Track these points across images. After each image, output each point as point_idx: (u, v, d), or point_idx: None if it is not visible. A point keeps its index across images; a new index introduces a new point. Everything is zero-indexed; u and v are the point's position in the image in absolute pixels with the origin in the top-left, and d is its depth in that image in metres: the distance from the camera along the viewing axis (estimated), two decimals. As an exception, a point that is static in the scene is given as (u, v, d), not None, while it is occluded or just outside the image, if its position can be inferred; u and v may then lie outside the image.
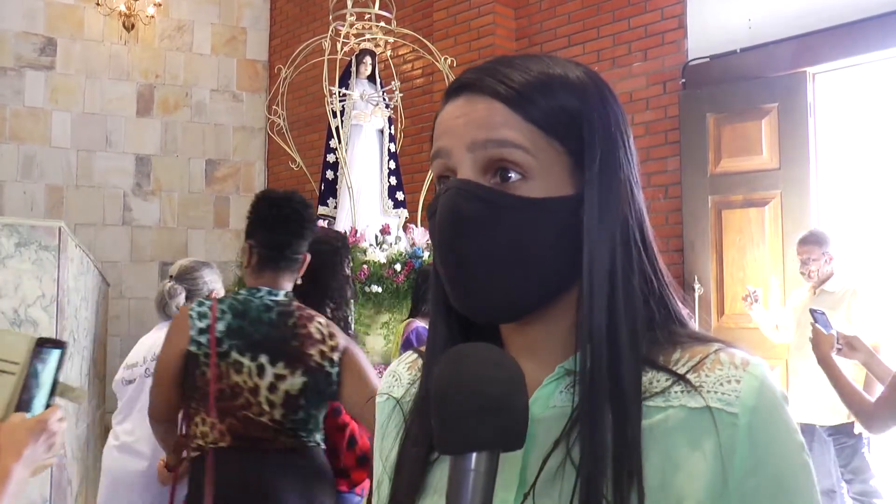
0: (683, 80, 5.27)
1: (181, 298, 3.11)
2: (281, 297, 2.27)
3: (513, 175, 0.71)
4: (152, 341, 3.12)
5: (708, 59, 5.17)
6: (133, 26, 8.40)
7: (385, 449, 0.86)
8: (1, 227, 3.07)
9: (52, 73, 8.55)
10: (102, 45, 8.77)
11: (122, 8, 8.29)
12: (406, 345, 3.73)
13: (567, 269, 0.72)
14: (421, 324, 3.78)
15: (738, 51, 5.02)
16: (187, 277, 3.20)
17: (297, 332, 2.19)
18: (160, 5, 8.65)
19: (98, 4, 8.29)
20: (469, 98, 0.74)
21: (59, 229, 3.20)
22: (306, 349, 2.17)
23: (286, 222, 2.32)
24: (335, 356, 2.18)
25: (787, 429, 0.70)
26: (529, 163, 0.71)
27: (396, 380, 0.90)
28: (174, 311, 3.05)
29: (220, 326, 2.19)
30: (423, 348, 0.89)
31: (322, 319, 2.26)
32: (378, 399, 0.91)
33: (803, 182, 4.66)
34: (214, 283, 3.25)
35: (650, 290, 0.75)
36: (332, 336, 2.21)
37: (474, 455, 0.61)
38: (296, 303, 2.29)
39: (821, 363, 2.82)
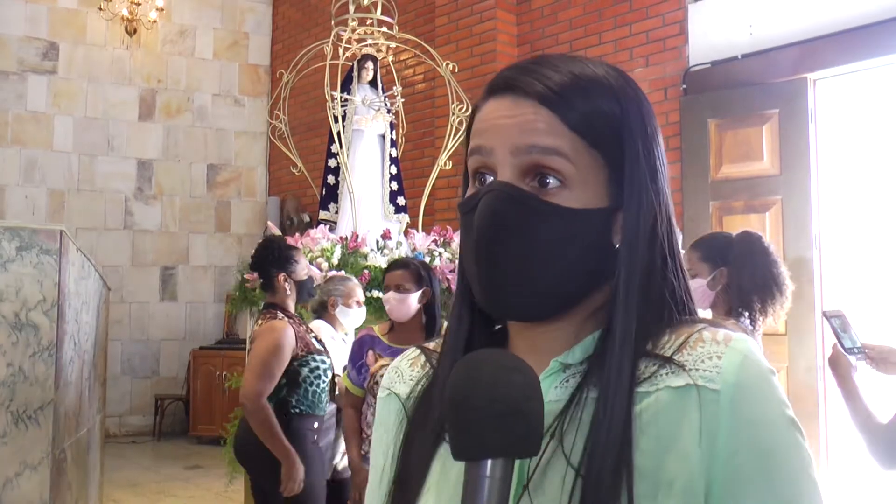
0: (685, 86, 5.27)
1: (311, 305, 3.83)
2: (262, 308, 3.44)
3: (551, 181, 0.73)
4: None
5: (709, 65, 5.18)
6: (135, 31, 8.42)
7: (388, 444, 0.86)
8: (2, 230, 3.08)
9: (55, 77, 8.57)
10: (105, 49, 8.79)
11: (125, 13, 8.31)
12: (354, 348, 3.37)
13: (592, 276, 0.75)
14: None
15: (740, 57, 5.03)
16: (320, 287, 3.83)
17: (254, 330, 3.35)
18: (162, 10, 8.68)
19: (100, 9, 8.32)
20: (515, 100, 0.75)
21: (61, 233, 3.20)
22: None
23: (256, 259, 3.43)
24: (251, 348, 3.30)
25: (774, 403, 0.69)
26: (570, 171, 0.73)
27: (399, 375, 0.90)
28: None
29: None
30: (428, 345, 0.90)
31: (261, 321, 3.29)
32: (380, 394, 0.90)
33: (804, 188, 4.66)
34: (332, 292, 3.79)
35: (672, 289, 0.77)
36: (253, 333, 3.30)
37: (490, 462, 0.61)
38: (269, 312, 3.31)
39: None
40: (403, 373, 0.89)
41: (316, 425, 3.30)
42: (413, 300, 3.18)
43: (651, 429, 0.69)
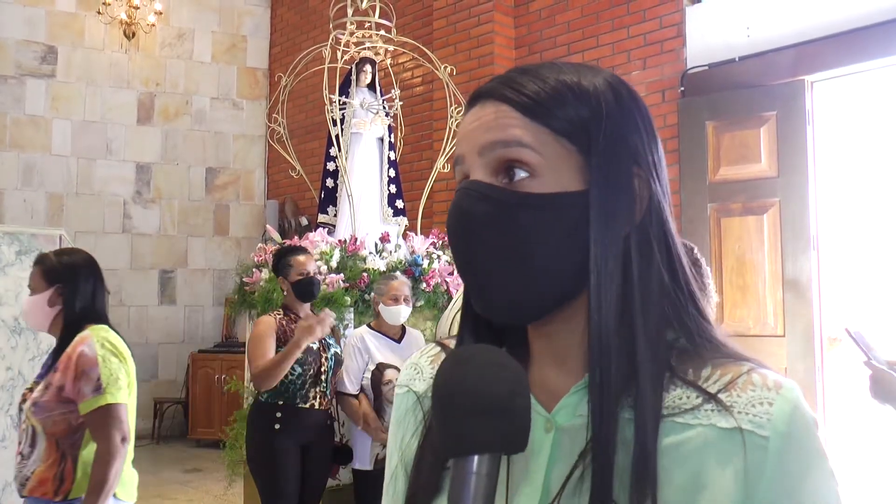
0: (682, 89, 5.28)
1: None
2: None
3: (520, 173, 0.72)
4: None
5: (706, 68, 5.19)
6: (134, 34, 8.42)
7: (404, 444, 0.85)
8: (1, 235, 3.08)
9: (53, 81, 8.57)
10: (103, 53, 8.79)
11: (123, 16, 8.31)
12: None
13: (581, 267, 0.71)
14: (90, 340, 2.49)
15: (737, 59, 5.04)
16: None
17: None
18: (161, 13, 8.68)
19: (99, 13, 8.32)
20: (482, 105, 0.76)
21: (60, 237, 3.21)
22: None
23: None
24: None
25: (818, 456, 0.69)
26: (536, 160, 0.72)
27: (418, 372, 0.88)
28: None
29: None
30: (449, 342, 0.88)
31: None
32: (398, 390, 0.89)
33: (802, 189, 4.67)
34: (375, 292, 3.99)
35: (674, 294, 0.74)
36: None
37: (476, 457, 0.61)
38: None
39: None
40: (423, 370, 0.88)
41: (280, 415, 3.60)
42: (40, 303, 2.50)
43: (690, 463, 0.68)
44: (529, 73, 0.76)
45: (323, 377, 3.72)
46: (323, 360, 3.72)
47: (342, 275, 4.52)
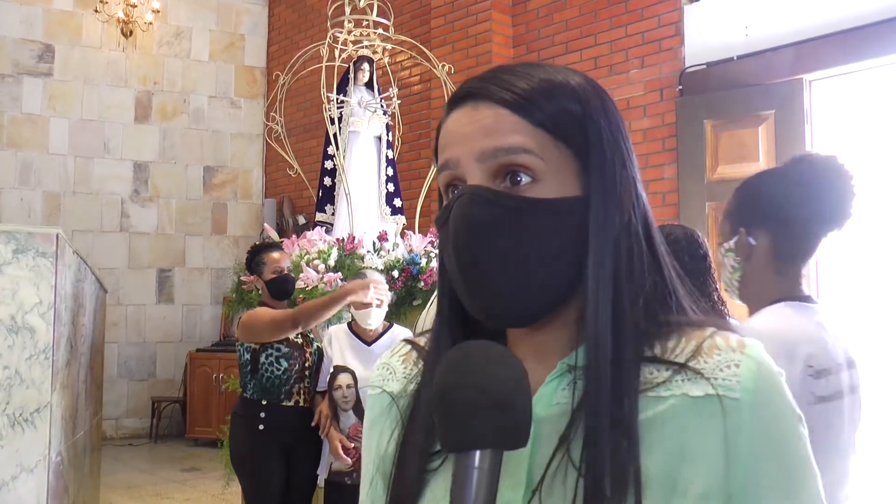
0: (680, 87, 5.28)
1: None
2: None
3: (522, 178, 0.72)
4: None
5: (705, 66, 5.19)
6: (131, 33, 8.40)
7: (381, 446, 0.84)
8: (-2, 233, 3.07)
9: (50, 79, 8.56)
10: (100, 51, 8.78)
11: (121, 14, 8.29)
12: None
13: (578, 269, 0.73)
14: None
15: (735, 58, 5.03)
16: None
17: None
18: (158, 12, 8.66)
19: (96, 11, 8.30)
20: (474, 106, 0.74)
21: (57, 236, 3.19)
22: None
23: None
24: None
25: (787, 405, 0.72)
26: (539, 165, 0.72)
27: (391, 373, 0.88)
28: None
29: None
30: (418, 340, 0.88)
31: None
32: (371, 391, 0.88)
33: (800, 188, 4.66)
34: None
35: (656, 287, 0.76)
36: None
37: (478, 452, 0.61)
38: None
39: None
40: (396, 370, 0.87)
41: (264, 414, 3.53)
42: None
43: (666, 435, 0.69)
44: (519, 73, 0.75)
45: (307, 372, 3.65)
46: (307, 355, 3.65)
47: (340, 273, 4.51)
